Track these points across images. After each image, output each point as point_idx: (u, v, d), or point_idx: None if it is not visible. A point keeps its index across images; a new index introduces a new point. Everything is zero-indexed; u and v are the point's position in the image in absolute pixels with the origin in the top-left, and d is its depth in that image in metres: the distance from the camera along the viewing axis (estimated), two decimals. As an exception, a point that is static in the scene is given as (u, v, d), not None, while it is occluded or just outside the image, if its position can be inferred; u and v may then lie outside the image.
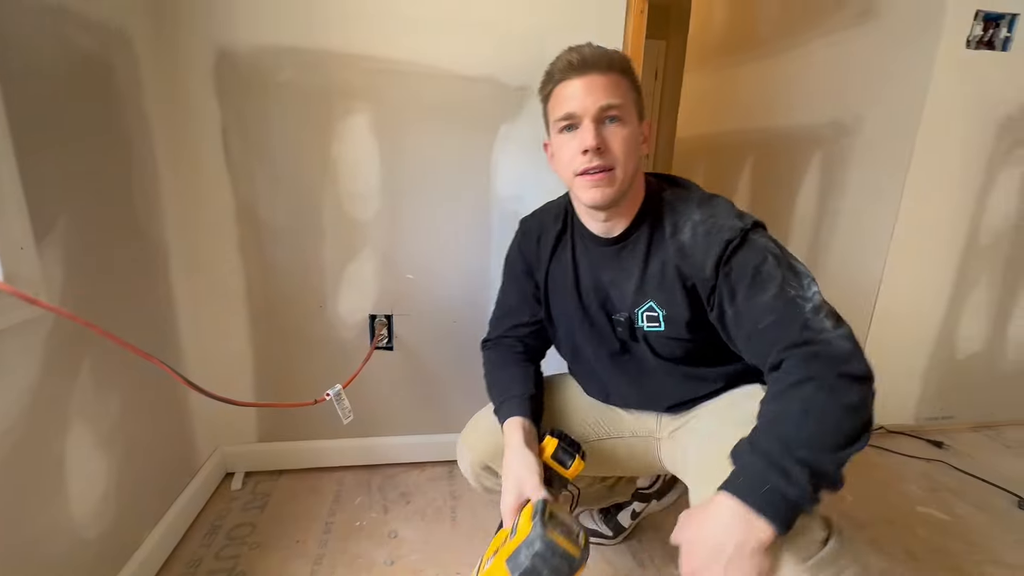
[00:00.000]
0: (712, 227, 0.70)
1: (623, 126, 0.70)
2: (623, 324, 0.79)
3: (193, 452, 1.17)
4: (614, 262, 0.79)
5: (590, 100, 0.69)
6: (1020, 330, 1.63)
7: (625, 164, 0.70)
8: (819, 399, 0.57)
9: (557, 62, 0.73)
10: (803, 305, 0.63)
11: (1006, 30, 1.34)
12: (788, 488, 0.53)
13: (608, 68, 0.70)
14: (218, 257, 1.16)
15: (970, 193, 1.46)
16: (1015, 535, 1.18)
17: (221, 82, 1.07)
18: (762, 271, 0.66)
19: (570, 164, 0.72)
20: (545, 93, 0.75)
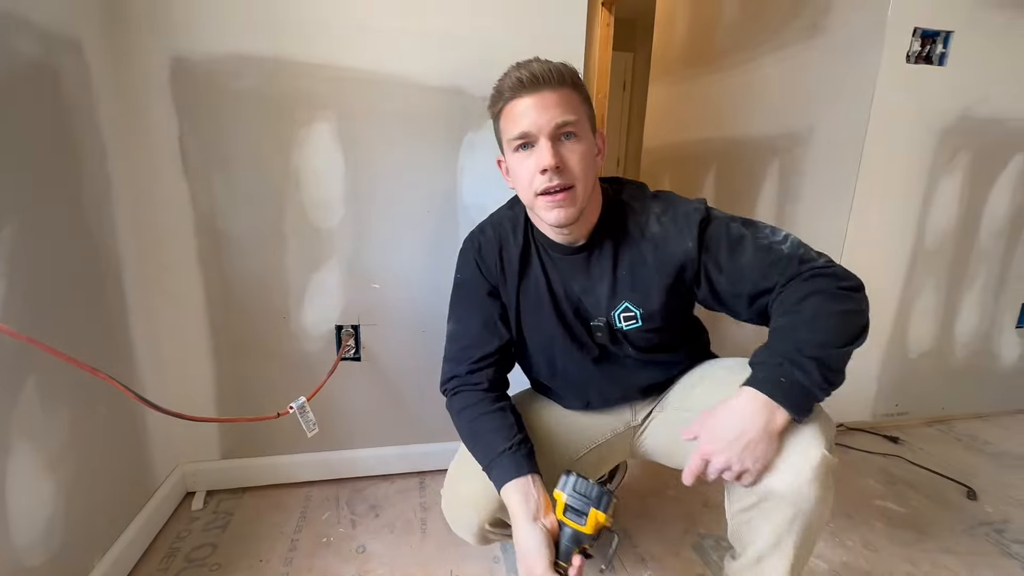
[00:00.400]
0: (676, 212, 0.76)
1: (579, 142, 0.70)
2: (602, 328, 0.81)
3: (150, 471, 1.12)
4: (583, 270, 0.80)
5: (544, 118, 0.68)
6: (966, 328, 1.72)
7: (585, 180, 0.71)
8: (825, 307, 0.66)
9: (505, 79, 0.71)
10: (780, 248, 0.71)
11: (942, 46, 1.43)
12: (804, 378, 0.62)
13: (559, 83, 0.69)
14: (176, 268, 1.12)
15: (915, 200, 1.54)
16: (964, 524, 1.23)
17: (177, 90, 1.04)
18: (731, 235, 0.73)
19: (530, 184, 0.71)
20: (496, 111, 0.74)
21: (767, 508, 0.66)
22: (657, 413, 0.89)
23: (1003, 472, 1.47)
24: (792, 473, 0.63)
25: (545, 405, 0.94)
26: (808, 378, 0.63)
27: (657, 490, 1.32)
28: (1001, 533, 1.21)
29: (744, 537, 0.72)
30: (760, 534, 0.69)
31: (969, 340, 1.73)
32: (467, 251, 0.87)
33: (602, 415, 0.91)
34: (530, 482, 0.71)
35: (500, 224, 0.86)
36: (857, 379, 1.67)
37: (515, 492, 0.70)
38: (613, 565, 1.05)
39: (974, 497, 1.34)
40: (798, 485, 0.63)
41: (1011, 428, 1.74)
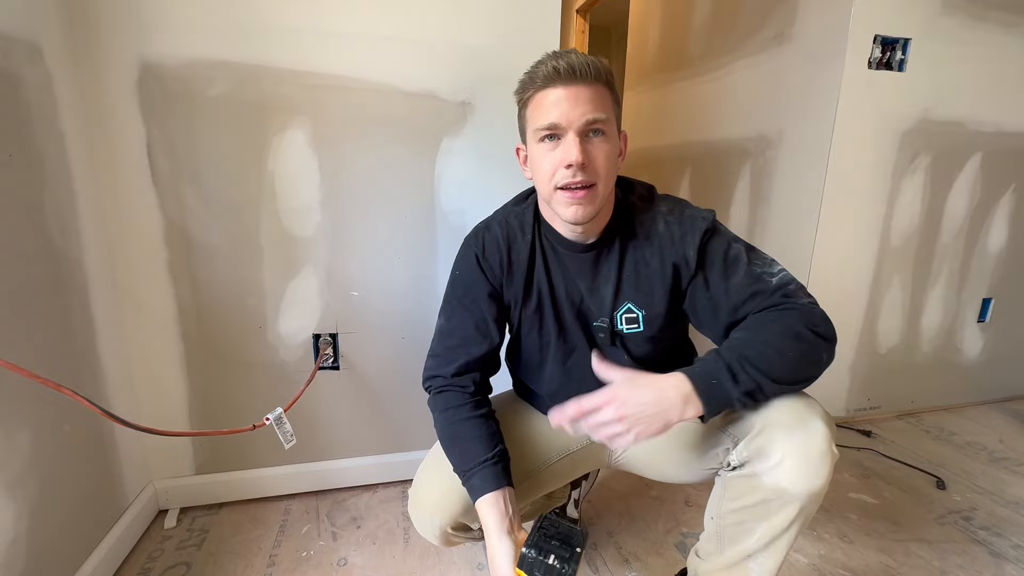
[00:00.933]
0: (682, 215, 0.75)
1: (606, 141, 0.69)
2: (604, 330, 0.80)
3: (120, 490, 1.08)
4: (591, 269, 0.79)
5: (576, 112, 0.66)
6: (931, 323, 1.78)
7: (607, 180, 0.70)
8: (785, 341, 0.65)
9: (540, 67, 0.68)
10: (769, 280, 0.70)
11: (901, 52, 1.49)
12: (731, 388, 0.63)
13: (595, 79, 0.67)
14: (145, 279, 1.09)
15: (880, 200, 1.60)
16: (935, 513, 1.28)
17: (145, 97, 1.02)
18: (729, 256, 0.73)
19: (551, 176, 0.69)
20: (524, 98, 0.71)
21: (771, 507, 0.66)
22: None
23: (969, 462, 1.52)
24: (805, 474, 0.63)
25: (522, 411, 0.93)
26: (736, 390, 0.63)
27: (639, 490, 1.33)
28: (969, 520, 1.25)
29: (729, 538, 0.72)
30: (752, 534, 0.69)
31: (934, 335, 1.80)
32: (469, 248, 0.83)
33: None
34: (505, 496, 0.71)
35: (507, 221, 0.82)
36: (831, 376, 1.70)
37: (490, 506, 0.70)
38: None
39: (943, 487, 1.38)
40: (811, 486, 0.63)
41: (975, 419, 1.81)
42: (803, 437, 0.64)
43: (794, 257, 1.64)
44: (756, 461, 0.67)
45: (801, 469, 0.63)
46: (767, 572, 0.70)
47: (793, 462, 0.64)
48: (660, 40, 2.38)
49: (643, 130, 2.55)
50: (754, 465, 0.67)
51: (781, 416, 0.66)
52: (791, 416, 0.66)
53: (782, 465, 0.64)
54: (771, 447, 0.65)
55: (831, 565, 1.09)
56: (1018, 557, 1.12)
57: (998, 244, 1.78)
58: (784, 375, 0.64)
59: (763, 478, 0.66)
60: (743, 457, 0.68)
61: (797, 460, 0.64)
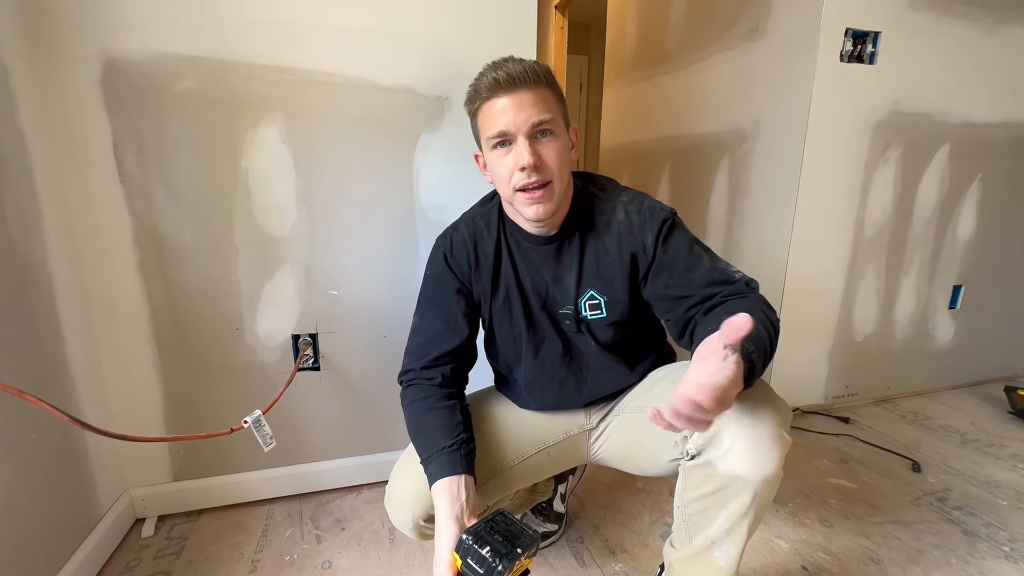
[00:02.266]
0: (642, 205, 0.79)
1: (555, 139, 0.73)
2: (570, 317, 0.83)
3: (93, 499, 1.05)
4: (554, 260, 0.82)
5: (522, 118, 0.70)
6: (904, 310, 1.83)
7: (561, 176, 0.74)
8: (767, 327, 0.66)
9: (482, 79, 0.72)
10: (734, 274, 0.74)
11: (871, 46, 1.52)
12: (758, 369, 0.62)
13: (535, 82, 0.71)
14: (114, 281, 1.06)
15: (854, 191, 1.63)
16: (910, 495, 1.31)
17: (110, 93, 0.99)
18: (693, 251, 0.76)
19: (508, 180, 0.73)
20: (472, 109, 0.76)
21: (727, 494, 0.68)
22: (613, 417, 0.89)
23: (942, 444, 1.57)
24: (755, 458, 0.65)
25: (499, 403, 0.94)
26: (757, 370, 0.63)
27: (625, 483, 1.33)
28: (943, 501, 1.28)
29: (695, 526, 0.73)
30: (714, 521, 0.70)
31: (908, 322, 1.84)
32: (439, 248, 0.87)
33: (556, 416, 0.91)
34: (460, 482, 0.72)
35: (474, 220, 0.87)
36: (810, 364, 1.75)
37: (443, 490, 0.71)
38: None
39: (918, 470, 1.42)
40: (762, 471, 0.65)
41: (948, 403, 1.86)
42: (752, 423, 0.66)
43: (772, 249, 1.66)
44: (710, 449, 0.68)
45: (752, 455, 0.65)
46: (730, 558, 0.72)
47: (743, 448, 0.65)
48: (638, 35, 2.39)
49: (624, 125, 2.57)
50: (709, 453, 0.69)
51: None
52: (740, 403, 0.67)
53: (733, 451, 0.66)
54: (723, 434, 0.67)
55: (812, 549, 1.11)
56: (989, 535, 1.16)
57: (967, 232, 1.83)
58: (768, 353, 0.66)
59: (718, 466, 0.68)
60: (699, 446, 0.70)
61: (747, 446, 0.65)
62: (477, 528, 0.65)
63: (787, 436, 0.66)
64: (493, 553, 0.61)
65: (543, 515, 1.12)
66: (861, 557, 1.09)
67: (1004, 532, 1.17)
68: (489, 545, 0.62)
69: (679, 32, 2.06)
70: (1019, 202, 1.88)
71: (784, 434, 0.66)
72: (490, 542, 0.62)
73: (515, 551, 0.61)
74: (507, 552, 0.61)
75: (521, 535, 0.64)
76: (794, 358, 1.71)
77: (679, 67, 2.06)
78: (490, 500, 0.86)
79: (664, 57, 2.16)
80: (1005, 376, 2.06)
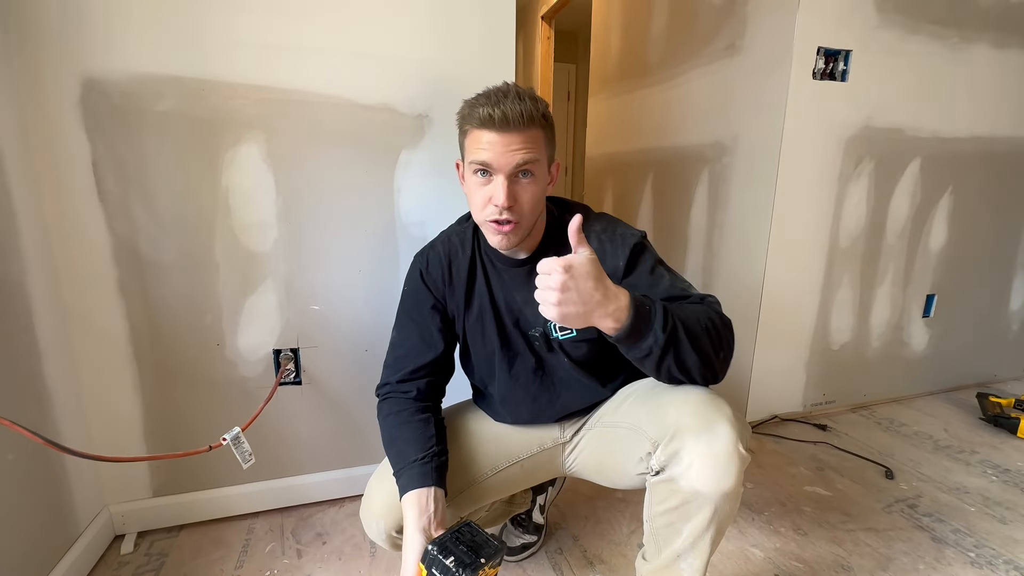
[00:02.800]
0: (615, 234, 0.82)
1: (534, 181, 0.75)
2: (539, 339, 0.85)
3: (71, 517, 1.05)
4: (526, 282, 0.85)
5: (505, 159, 0.71)
6: (880, 319, 1.87)
7: (531, 216, 0.77)
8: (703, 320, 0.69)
9: (476, 109, 0.72)
10: (693, 291, 0.76)
11: (843, 63, 1.57)
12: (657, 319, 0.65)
13: (528, 125, 0.71)
14: (94, 299, 1.06)
15: (828, 204, 1.67)
16: (883, 502, 1.34)
17: (90, 113, 0.99)
18: (656, 271, 0.79)
19: (482, 208, 0.76)
20: (462, 128, 0.77)
21: (690, 509, 0.71)
22: (587, 431, 0.92)
23: (915, 451, 1.60)
24: (714, 475, 0.68)
25: (474, 417, 0.96)
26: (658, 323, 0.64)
27: (605, 493, 1.35)
28: (914, 508, 1.32)
29: (663, 539, 0.76)
30: (680, 534, 0.73)
31: (883, 331, 1.89)
32: (415, 265, 0.90)
33: (530, 430, 0.93)
34: (429, 495, 0.74)
35: (450, 240, 0.90)
36: (789, 373, 1.79)
37: (412, 502, 0.73)
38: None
39: (891, 476, 1.45)
40: (721, 487, 0.68)
41: (922, 409, 1.90)
42: (709, 440, 0.68)
43: (751, 260, 1.70)
44: (672, 466, 0.71)
45: (710, 471, 0.68)
46: (696, 570, 0.74)
47: (702, 464, 0.68)
48: (621, 48, 2.43)
49: (607, 135, 2.60)
50: (671, 470, 0.71)
51: (691, 420, 0.70)
52: (699, 420, 0.70)
53: (692, 468, 0.69)
54: (682, 451, 0.70)
55: (786, 558, 1.14)
56: (957, 541, 1.19)
57: (939, 243, 1.88)
58: (697, 338, 0.67)
59: (679, 482, 0.70)
60: (661, 462, 0.72)
61: (705, 463, 0.68)
62: (443, 539, 0.66)
63: (744, 452, 0.69)
64: (457, 563, 0.63)
65: (522, 526, 1.14)
66: (832, 565, 1.12)
67: (971, 538, 1.20)
68: (454, 555, 0.64)
69: (660, 46, 2.10)
70: (989, 214, 1.93)
71: (741, 450, 0.68)
72: (455, 552, 0.64)
73: (479, 561, 0.63)
74: (471, 562, 0.63)
75: (486, 545, 0.65)
76: (773, 367, 1.74)
77: (661, 80, 2.10)
78: (464, 512, 0.88)
79: (646, 70, 2.20)
80: (978, 382, 2.12)
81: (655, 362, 0.67)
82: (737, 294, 1.76)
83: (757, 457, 1.55)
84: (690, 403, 0.72)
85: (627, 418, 0.82)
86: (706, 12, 1.82)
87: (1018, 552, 1.15)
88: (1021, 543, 1.18)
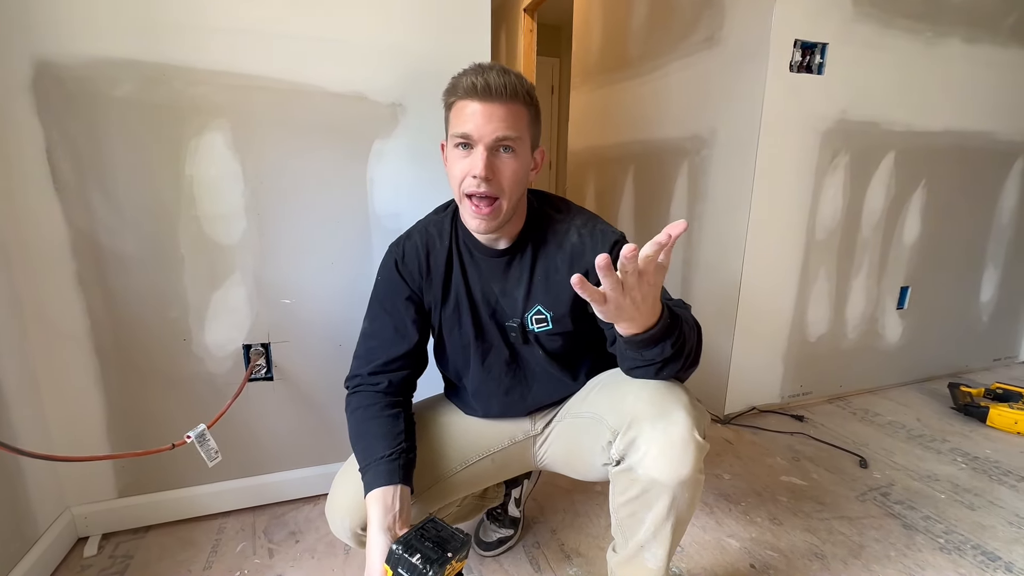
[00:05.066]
0: (595, 229, 0.82)
1: (515, 158, 0.73)
2: (516, 329, 0.84)
3: (29, 519, 1.01)
4: (503, 273, 0.84)
5: (487, 129, 0.70)
6: (855, 311, 1.89)
7: (510, 194, 0.75)
8: (696, 337, 0.71)
9: (463, 78, 0.72)
10: (671, 296, 0.75)
11: (819, 56, 1.57)
12: (674, 333, 0.65)
13: (511, 97, 0.71)
14: (51, 293, 1.02)
15: (805, 197, 1.68)
16: (856, 491, 1.36)
17: (42, 98, 0.95)
18: None
19: (460, 181, 0.74)
20: (448, 102, 0.76)
21: (649, 498, 0.70)
22: (556, 423, 0.91)
23: (889, 440, 1.63)
24: (670, 462, 0.67)
25: (445, 410, 0.95)
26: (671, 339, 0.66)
27: (583, 486, 1.35)
28: (886, 496, 1.34)
29: (628, 530, 0.75)
30: (643, 524, 0.72)
31: (858, 323, 1.91)
32: (390, 255, 0.88)
33: (502, 423, 0.92)
34: (395, 492, 0.72)
35: (427, 230, 0.88)
36: (767, 365, 1.80)
37: (377, 500, 0.72)
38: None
39: (865, 465, 1.48)
40: (678, 474, 0.67)
41: (896, 399, 1.94)
42: (664, 428, 0.68)
43: (729, 253, 1.71)
44: (630, 454, 0.71)
45: (666, 458, 0.67)
46: (659, 559, 0.74)
47: (658, 452, 0.68)
48: (602, 41, 2.42)
49: (590, 129, 2.59)
50: (630, 459, 0.71)
51: (647, 408, 0.70)
52: (655, 408, 0.70)
53: (649, 455, 0.68)
54: (639, 439, 0.70)
55: (761, 547, 1.14)
56: (927, 527, 1.21)
57: (912, 235, 1.91)
58: (689, 352, 0.69)
59: (637, 471, 0.70)
60: (620, 451, 0.72)
61: (661, 450, 0.68)
62: (407, 537, 0.65)
63: (700, 439, 0.68)
64: (423, 560, 0.62)
65: (498, 520, 1.13)
66: (806, 553, 1.13)
67: (941, 524, 1.22)
68: (419, 552, 0.62)
69: (641, 38, 2.10)
70: (961, 206, 1.97)
71: (697, 437, 0.68)
72: (420, 549, 0.63)
73: (445, 555, 0.62)
74: (437, 557, 0.62)
75: (452, 539, 0.64)
76: (751, 359, 1.75)
77: (641, 73, 2.10)
78: (433, 507, 0.87)
79: (627, 63, 2.19)
80: (949, 372, 2.16)
81: (650, 365, 0.68)
82: (716, 287, 1.77)
83: (735, 448, 1.56)
84: (647, 390, 0.72)
85: (591, 408, 0.82)
86: (685, 3, 1.81)
87: (985, 537, 1.18)
88: (988, 528, 1.21)
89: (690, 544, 1.15)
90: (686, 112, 1.86)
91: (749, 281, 1.68)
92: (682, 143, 1.88)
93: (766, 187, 1.61)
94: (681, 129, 1.89)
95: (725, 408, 1.76)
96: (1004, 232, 2.09)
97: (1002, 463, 1.50)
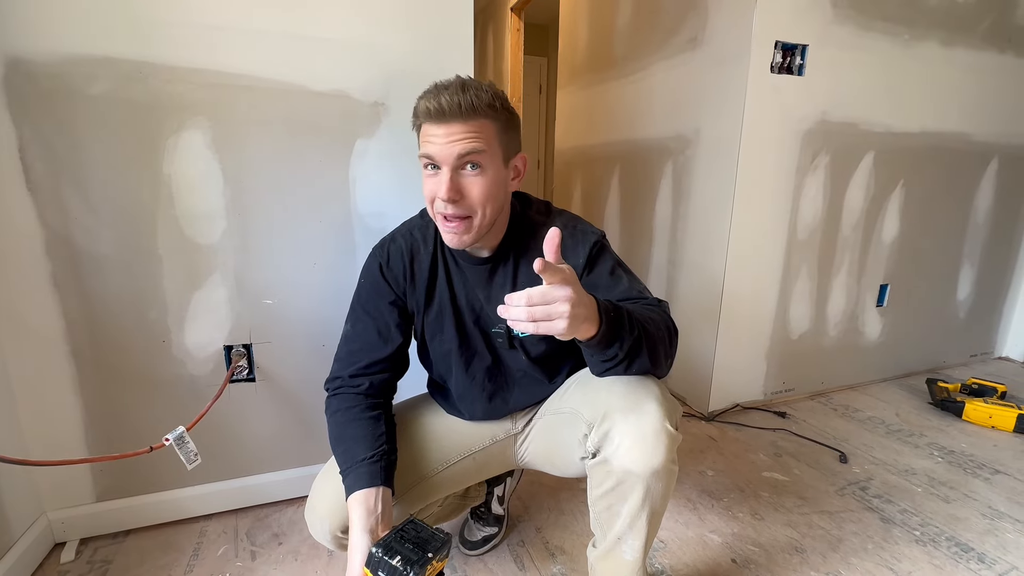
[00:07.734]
0: (576, 230, 0.82)
1: (482, 173, 0.72)
2: (502, 335, 0.84)
3: (2, 526, 0.99)
4: (488, 280, 0.84)
5: (447, 151, 0.70)
6: (836, 308, 1.93)
7: (483, 210, 0.73)
8: (658, 326, 0.70)
9: (421, 101, 0.72)
10: (649, 295, 0.77)
11: (800, 58, 1.60)
12: (627, 327, 0.65)
13: (470, 114, 0.69)
14: (24, 294, 1.00)
15: (786, 196, 1.71)
16: (836, 486, 1.38)
17: (14, 95, 0.93)
18: (615, 272, 0.79)
19: (431, 202, 0.74)
20: (414, 123, 0.76)
21: (624, 489, 0.71)
22: (536, 420, 0.92)
23: (869, 435, 1.66)
24: (642, 452, 0.68)
25: (427, 410, 0.95)
26: (628, 331, 0.65)
27: (569, 484, 1.35)
28: (865, 490, 1.36)
29: (605, 523, 0.76)
30: (619, 516, 0.73)
31: (839, 320, 1.94)
32: (374, 258, 0.87)
33: (483, 423, 0.93)
34: (376, 495, 0.72)
35: (411, 234, 0.87)
36: (750, 362, 1.82)
37: (359, 503, 0.72)
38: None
39: (845, 461, 1.50)
40: (650, 464, 0.68)
41: (876, 395, 1.98)
42: (636, 419, 0.69)
43: (712, 253, 1.72)
44: (604, 447, 0.72)
45: (639, 449, 0.68)
46: (635, 551, 0.75)
47: (631, 443, 0.69)
48: (588, 40, 2.43)
49: (576, 128, 2.60)
50: (604, 451, 0.72)
51: (620, 401, 0.71)
52: (627, 400, 0.71)
53: (622, 446, 0.69)
54: (613, 431, 0.70)
55: (742, 542, 1.16)
56: (904, 520, 1.24)
57: (891, 234, 1.95)
58: (654, 346, 0.69)
59: (612, 463, 0.71)
60: (595, 444, 0.73)
61: (633, 440, 0.69)
62: (387, 539, 0.65)
63: (672, 429, 0.69)
64: (404, 562, 0.62)
65: (482, 519, 1.13)
66: (787, 547, 1.14)
67: (917, 517, 1.25)
68: (400, 554, 0.62)
69: (626, 39, 2.11)
70: (938, 206, 2.01)
71: (668, 427, 0.69)
72: (400, 551, 0.63)
73: (426, 556, 0.62)
74: (418, 559, 0.62)
75: (432, 539, 0.65)
76: (735, 357, 1.77)
77: (626, 73, 2.11)
78: (415, 507, 0.87)
79: (612, 62, 2.20)
80: (927, 368, 2.21)
81: (615, 364, 0.68)
82: (700, 285, 1.79)
83: (719, 445, 1.58)
84: (619, 384, 0.73)
85: (568, 403, 0.83)
86: (670, 4, 1.83)
87: (960, 529, 1.21)
88: (963, 520, 1.24)
89: (672, 540, 1.16)
90: (670, 112, 1.87)
91: (732, 280, 1.70)
92: (666, 143, 1.90)
93: (748, 187, 1.63)
94: (665, 129, 1.90)
95: (709, 405, 1.78)
96: (980, 231, 2.14)
97: (977, 456, 1.53)
